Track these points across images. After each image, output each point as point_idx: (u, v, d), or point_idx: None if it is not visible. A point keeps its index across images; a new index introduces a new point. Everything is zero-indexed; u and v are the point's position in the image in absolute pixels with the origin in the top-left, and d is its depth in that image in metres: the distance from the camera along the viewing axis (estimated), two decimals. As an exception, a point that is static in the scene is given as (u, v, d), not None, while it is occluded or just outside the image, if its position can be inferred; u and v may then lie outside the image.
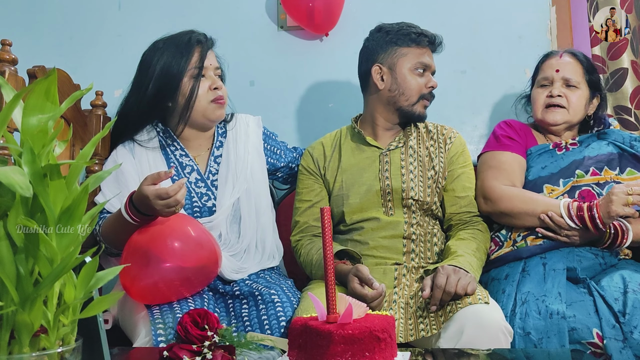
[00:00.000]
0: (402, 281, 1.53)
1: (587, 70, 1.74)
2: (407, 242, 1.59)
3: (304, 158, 1.77)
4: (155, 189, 1.31)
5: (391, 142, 1.69)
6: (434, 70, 1.70)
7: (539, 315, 1.36)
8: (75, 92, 0.72)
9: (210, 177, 1.65)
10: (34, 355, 0.64)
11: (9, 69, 1.39)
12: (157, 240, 1.38)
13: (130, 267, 1.35)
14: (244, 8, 2.24)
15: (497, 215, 1.64)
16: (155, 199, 1.31)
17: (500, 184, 1.63)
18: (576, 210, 1.50)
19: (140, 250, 1.38)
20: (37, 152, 0.64)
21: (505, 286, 1.49)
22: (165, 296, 1.41)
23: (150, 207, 1.33)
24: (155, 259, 1.36)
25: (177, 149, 1.66)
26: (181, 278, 1.39)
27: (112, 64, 2.25)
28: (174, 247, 1.38)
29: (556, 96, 1.72)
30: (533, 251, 1.56)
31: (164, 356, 1.00)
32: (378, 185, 1.63)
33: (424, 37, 1.66)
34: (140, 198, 1.34)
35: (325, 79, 2.19)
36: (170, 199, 1.31)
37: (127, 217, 1.38)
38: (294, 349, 0.92)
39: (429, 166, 1.67)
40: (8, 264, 0.62)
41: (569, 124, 1.74)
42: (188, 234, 1.41)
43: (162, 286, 1.37)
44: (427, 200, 1.63)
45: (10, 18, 2.30)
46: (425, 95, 1.67)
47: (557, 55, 1.77)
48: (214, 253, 1.44)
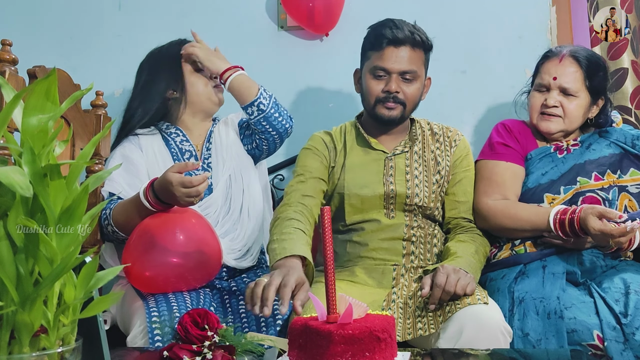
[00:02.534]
0: (400, 281, 1.53)
1: (588, 76, 1.64)
2: (406, 244, 1.58)
3: (311, 140, 1.71)
4: (180, 177, 1.38)
5: (397, 147, 1.66)
6: (404, 71, 1.57)
7: (537, 315, 1.36)
8: (76, 92, 0.72)
9: (205, 162, 1.75)
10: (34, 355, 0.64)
11: (9, 69, 1.39)
12: (166, 229, 1.42)
13: (135, 251, 1.40)
14: (244, 8, 2.24)
15: (490, 231, 1.64)
16: (179, 186, 1.37)
17: (489, 200, 1.61)
18: (560, 214, 1.48)
19: (148, 234, 1.42)
20: (37, 152, 0.64)
21: (500, 285, 1.49)
22: (162, 285, 1.43)
23: (171, 194, 1.39)
24: (160, 247, 1.40)
25: (179, 135, 1.75)
26: (180, 271, 1.41)
27: (112, 64, 2.25)
28: (180, 239, 1.41)
29: (552, 106, 1.65)
30: (533, 257, 1.55)
31: (164, 356, 1.00)
32: (382, 189, 1.60)
33: (384, 38, 1.56)
34: (163, 184, 1.40)
35: (325, 79, 2.19)
36: (192, 188, 1.37)
37: (146, 203, 1.44)
38: (294, 349, 0.92)
39: (435, 170, 1.64)
40: (8, 264, 0.62)
41: (565, 132, 1.69)
42: (195, 229, 1.45)
43: (161, 273, 1.41)
44: (430, 205, 1.61)
45: (10, 18, 2.30)
46: (381, 99, 1.59)
47: (557, 58, 1.67)
48: (216, 252, 1.45)
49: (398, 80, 1.58)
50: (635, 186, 1.60)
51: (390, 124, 1.63)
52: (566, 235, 1.48)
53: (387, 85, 1.58)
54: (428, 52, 1.64)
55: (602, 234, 1.38)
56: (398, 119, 1.61)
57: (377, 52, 1.59)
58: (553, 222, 1.49)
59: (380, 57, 1.58)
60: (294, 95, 2.19)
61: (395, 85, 1.57)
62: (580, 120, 1.69)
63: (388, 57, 1.57)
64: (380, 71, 1.58)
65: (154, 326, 1.32)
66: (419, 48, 1.59)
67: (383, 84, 1.59)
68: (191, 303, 1.42)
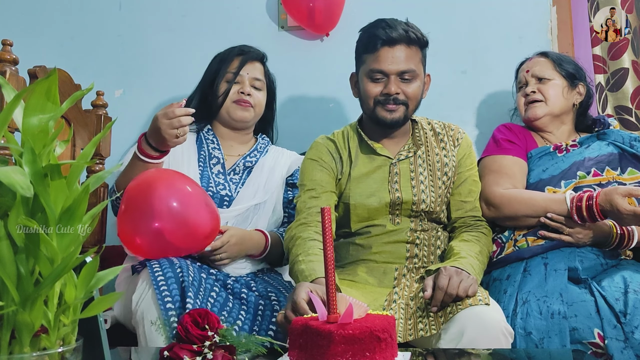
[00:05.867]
0: (402, 281, 1.53)
1: (558, 64, 1.78)
2: (410, 247, 1.57)
3: (316, 149, 1.65)
4: (163, 109, 1.48)
5: (401, 151, 1.62)
6: (402, 71, 1.53)
7: (540, 315, 1.36)
8: (76, 92, 0.72)
9: (232, 173, 1.76)
10: (35, 355, 0.64)
11: (9, 69, 1.39)
12: (149, 191, 1.43)
13: (123, 216, 1.43)
14: (244, 8, 2.24)
15: (501, 220, 1.63)
16: (162, 118, 1.46)
17: (501, 189, 1.63)
18: (576, 200, 1.51)
19: (132, 199, 1.43)
20: (38, 152, 0.64)
21: (507, 287, 1.49)
22: (152, 252, 1.43)
23: (157, 132, 1.47)
24: (142, 210, 1.41)
25: (213, 142, 1.80)
26: (165, 237, 1.41)
27: (112, 64, 2.25)
28: (163, 204, 1.41)
29: (530, 93, 1.78)
30: (534, 251, 1.56)
31: (165, 356, 1.00)
32: (388, 197, 1.57)
33: (377, 39, 1.52)
34: (151, 125, 1.49)
35: (325, 79, 2.19)
36: (174, 119, 1.45)
37: (139, 154, 1.52)
38: (294, 349, 0.92)
39: (442, 173, 1.62)
40: (9, 263, 0.62)
41: (551, 115, 1.77)
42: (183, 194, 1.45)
43: (147, 239, 1.41)
44: (436, 210, 1.60)
45: (11, 18, 2.30)
46: (381, 101, 1.55)
47: (528, 60, 1.85)
48: (207, 221, 1.47)
49: (397, 81, 1.54)
50: (634, 184, 1.62)
51: (393, 126, 1.60)
52: (582, 220, 1.50)
53: (386, 88, 1.54)
54: (424, 48, 1.60)
55: (634, 214, 1.40)
56: (402, 120, 1.58)
57: (372, 55, 1.54)
58: (570, 203, 1.51)
59: (376, 59, 1.54)
60: (294, 95, 2.19)
61: (394, 87, 1.54)
62: (563, 102, 1.77)
63: (384, 59, 1.53)
64: (377, 74, 1.54)
65: (160, 284, 1.33)
66: (415, 45, 1.55)
67: (382, 87, 1.55)
68: (193, 268, 1.41)
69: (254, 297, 1.46)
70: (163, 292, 1.31)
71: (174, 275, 1.34)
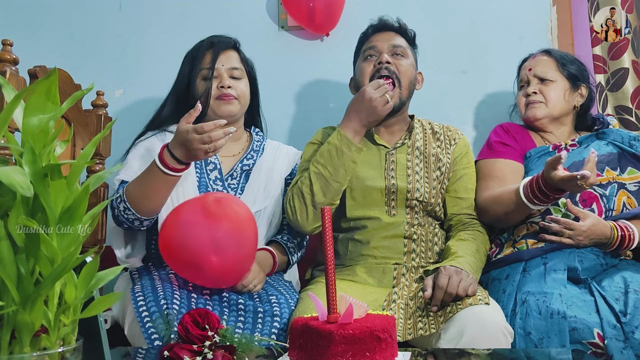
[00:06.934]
0: (401, 281, 1.53)
1: (562, 64, 1.76)
2: (408, 242, 1.59)
3: (317, 135, 1.74)
4: (192, 125, 1.41)
5: (397, 141, 1.69)
6: (393, 45, 1.66)
7: (540, 315, 1.36)
8: (76, 92, 0.72)
9: (230, 179, 1.69)
10: (35, 355, 0.64)
11: (10, 69, 1.39)
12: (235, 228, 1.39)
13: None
14: (244, 8, 2.24)
15: (493, 223, 1.66)
16: (192, 133, 1.39)
17: (488, 193, 1.64)
18: (528, 185, 1.49)
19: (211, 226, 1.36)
20: (38, 152, 0.64)
21: (506, 286, 1.50)
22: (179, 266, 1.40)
23: (186, 146, 1.41)
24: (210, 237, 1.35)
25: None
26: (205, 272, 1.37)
27: (112, 64, 2.25)
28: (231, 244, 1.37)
29: (531, 93, 1.76)
30: (534, 254, 1.56)
31: (165, 356, 1.00)
32: (383, 183, 1.61)
33: (370, 28, 1.71)
34: (177, 137, 1.42)
35: (325, 79, 2.19)
36: (204, 135, 1.39)
37: (160, 166, 1.44)
38: (295, 349, 0.92)
39: (435, 167, 1.67)
40: (9, 263, 0.62)
41: (550, 117, 1.76)
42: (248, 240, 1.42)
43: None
44: (431, 201, 1.63)
45: (11, 18, 2.30)
46: (375, 76, 1.63)
47: (531, 57, 1.83)
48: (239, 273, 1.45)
49: (389, 55, 1.64)
50: (633, 184, 1.62)
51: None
52: (540, 200, 1.48)
53: (378, 59, 1.64)
54: (413, 44, 1.72)
55: (568, 179, 1.37)
56: (397, 105, 1.62)
57: (366, 42, 1.70)
58: (524, 191, 1.49)
59: (369, 42, 1.69)
60: (294, 95, 2.19)
61: (386, 57, 1.64)
62: (564, 104, 1.75)
63: (376, 39, 1.68)
64: (370, 51, 1.67)
65: (141, 310, 1.32)
66: (404, 37, 1.70)
67: (374, 62, 1.65)
68: (180, 294, 1.39)
69: (252, 305, 1.43)
70: (149, 329, 1.30)
71: (159, 310, 1.32)
